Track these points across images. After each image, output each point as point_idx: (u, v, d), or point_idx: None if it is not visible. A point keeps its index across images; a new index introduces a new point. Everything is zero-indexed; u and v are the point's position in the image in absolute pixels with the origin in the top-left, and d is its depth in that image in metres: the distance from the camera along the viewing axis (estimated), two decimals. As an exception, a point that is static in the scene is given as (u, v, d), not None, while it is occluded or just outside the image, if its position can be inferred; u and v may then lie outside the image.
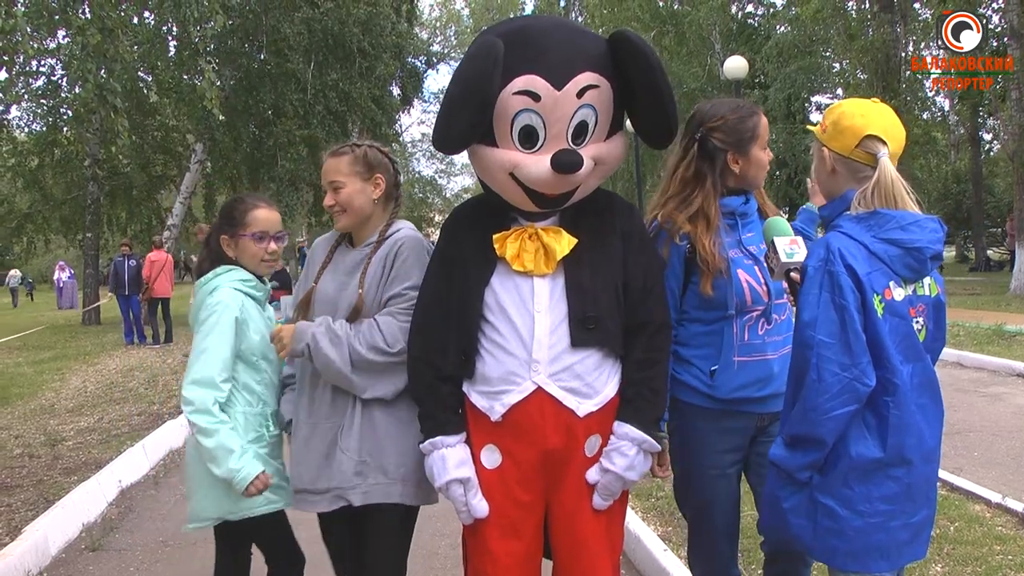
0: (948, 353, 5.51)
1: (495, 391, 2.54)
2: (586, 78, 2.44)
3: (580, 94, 2.44)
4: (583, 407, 2.52)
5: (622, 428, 2.53)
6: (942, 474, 4.34)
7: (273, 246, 3.06)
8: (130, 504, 6.04)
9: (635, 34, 2.51)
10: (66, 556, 5.02)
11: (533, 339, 2.50)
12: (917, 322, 2.24)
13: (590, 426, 2.54)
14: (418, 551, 4.80)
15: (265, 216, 3.05)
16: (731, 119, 2.82)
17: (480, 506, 2.57)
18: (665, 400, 2.67)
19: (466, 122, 2.47)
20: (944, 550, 4.29)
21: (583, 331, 2.50)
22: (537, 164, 2.46)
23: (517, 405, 2.51)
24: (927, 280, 2.29)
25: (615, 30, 2.55)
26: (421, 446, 2.65)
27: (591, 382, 2.53)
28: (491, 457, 2.59)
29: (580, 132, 2.50)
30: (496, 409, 2.54)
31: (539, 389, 2.50)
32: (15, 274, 36.96)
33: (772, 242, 2.48)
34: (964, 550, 4.30)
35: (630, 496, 5.21)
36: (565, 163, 2.43)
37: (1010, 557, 4.23)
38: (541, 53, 2.43)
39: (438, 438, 2.59)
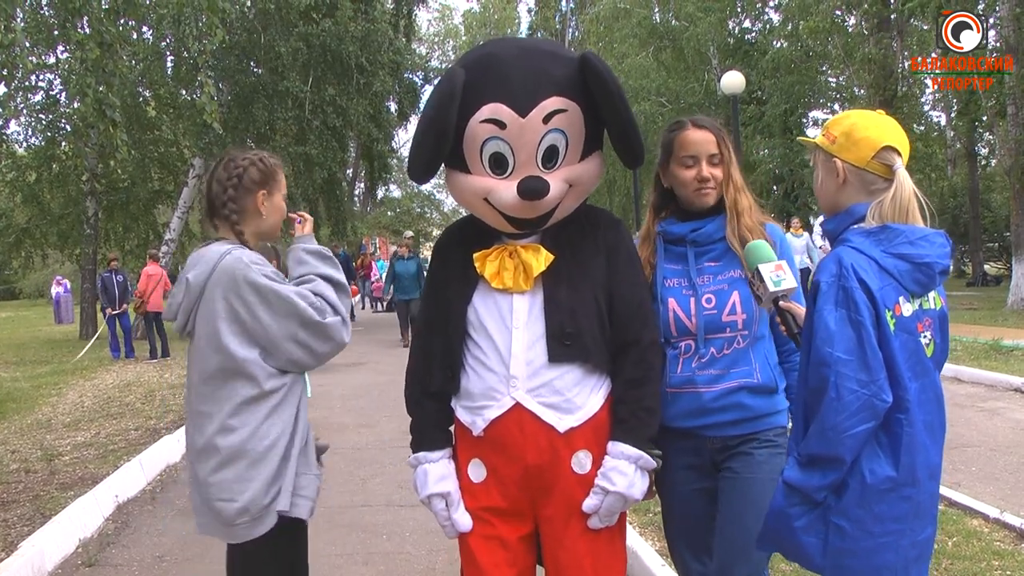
0: (946, 368, 5.46)
1: (477, 406, 2.57)
2: (552, 103, 2.46)
3: (547, 119, 2.46)
4: (563, 422, 2.52)
5: (617, 447, 2.53)
6: (940, 489, 4.36)
7: None
8: (127, 519, 6.02)
9: (598, 59, 2.51)
10: (62, 571, 5.00)
11: (511, 355, 2.52)
12: (925, 336, 2.22)
13: (574, 442, 2.54)
14: (415, 567, 4.82)
15: None
16: (663, 132, 2.87)
17: (462, 520, 2.59)
18: (658, 418, 2.65)
19: (427, 153, 2.53)
20: (942, 565, 4.28)
21: (560, 346, 2.51)
22: (507, 190, 2.49)
23: (497, 420, 2.53)
24: (931, 293, 2.27)
25: (582, 53, 2.56)
26: (407, 460, 2.72)
27: (571, 397, 2.53)
28: (477, 471, 2.62)
29: (551, 156, 2.52)
30: (478, 424, 2.56)
31: (518, 404, 2.51)
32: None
33: (757, 269, 2.45)
34: (962, 565, 4.30)
35: (628, 510, 5.24)
36: (530, 190, 2.45)
37: (1008, 572, 4.23)
38: (505, 81, 2.46)
39: (421, 453, 2.66)
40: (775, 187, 28.37)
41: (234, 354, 2.57)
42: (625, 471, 2.51)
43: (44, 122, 20.33)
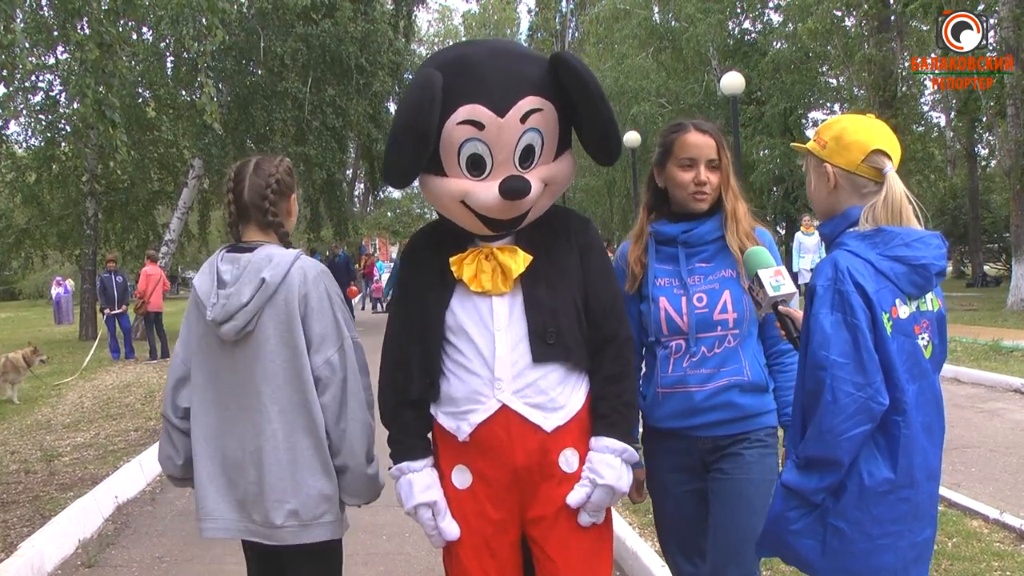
0: (945, 369, 5.48)
1: (461, 411, 2.55)
2: (528, 102, 2.46)
3: (524, 119, 2.47)
4: (550, 421, 2.52)
5: (601, 442, 2.54)
6: (940, 490, 4.38)
7: None
8: (126, 520, 6.03)
9: (573, 57, 2.53)
10: (62, 572, 5.00)
11: (495, 357, 2.51)
12: (923, 338, 2.22)
13: (562, 440, 2.54)
14: (415, 567, 4.83)
15: None
16: (662, 132, 2.89)
17: (450, 529, 2.56)
18: (637, 411, 2.69)
19: (408, 157, 2.51)
20: (942, 565, 4.29)
21: (543, 346, 2.51)
22: (486, 191, 2.48)
23: (483, 424, 2.51)
24: (929, 295, 2.27)
25: (554, 52, 2.58)
26: (389, 471, 2.68)
27: (555, 396, 2.53)
28: (462, 478, 2.59)
29: (527, 156, 2.53)
30: (463, 429, 2.54)
31: (504, 407, 2.50)
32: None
33: (756, 275, 2.45)
34: (962, 566, 4.30)
35: (628, 511, 5.25)
36: (513, 189, 2.45)
37: (1008, 573, 4.23)
38: (481, 81, 2.45)
39: (404, 463, 2.61)
40: (775, 187, 28.32)
41: (303, 353, 2.58)
42: (612, 464, 2.53)
43: (44, 123, 20.36)
